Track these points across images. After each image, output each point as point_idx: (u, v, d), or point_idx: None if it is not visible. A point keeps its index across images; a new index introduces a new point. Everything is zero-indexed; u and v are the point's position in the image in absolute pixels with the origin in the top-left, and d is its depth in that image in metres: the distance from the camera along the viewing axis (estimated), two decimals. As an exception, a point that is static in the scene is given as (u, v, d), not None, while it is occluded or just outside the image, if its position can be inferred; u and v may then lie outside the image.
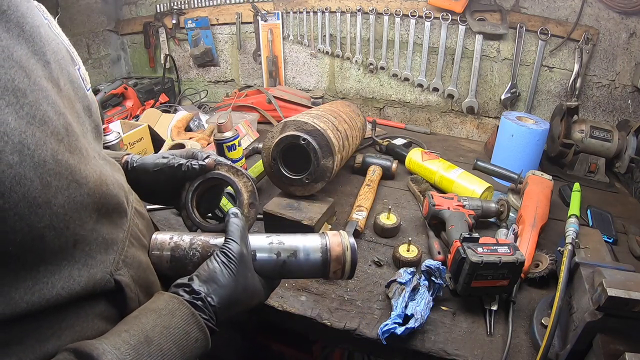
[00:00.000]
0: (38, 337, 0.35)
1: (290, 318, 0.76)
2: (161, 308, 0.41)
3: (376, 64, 1.62)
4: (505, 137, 1.23)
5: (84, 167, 0.37)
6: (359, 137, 1.23)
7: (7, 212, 0.30)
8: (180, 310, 0.42)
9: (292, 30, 1.70)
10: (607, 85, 1.38)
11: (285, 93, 1.65)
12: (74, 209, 0.36)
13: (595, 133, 1.26)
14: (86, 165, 0.38)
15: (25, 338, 0.34)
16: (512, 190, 1.12)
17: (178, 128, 1.36)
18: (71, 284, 0.36)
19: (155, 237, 0.53)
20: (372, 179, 1.14)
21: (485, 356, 0.68)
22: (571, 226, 0.77)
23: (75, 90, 0.42)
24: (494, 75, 1.50)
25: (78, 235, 0.37)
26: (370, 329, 0.72)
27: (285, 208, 0.90)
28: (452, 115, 1.63)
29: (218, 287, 0.45)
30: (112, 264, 0.42)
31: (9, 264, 0.32)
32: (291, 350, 1.24)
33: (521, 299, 0.79)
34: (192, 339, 0.41)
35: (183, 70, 1.96)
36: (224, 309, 0.45)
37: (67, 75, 0.41)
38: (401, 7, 1.49)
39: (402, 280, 0.75)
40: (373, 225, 0.98)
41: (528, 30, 1.38)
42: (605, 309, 0.56)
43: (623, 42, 1.30)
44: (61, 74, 0.40)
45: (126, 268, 0.44)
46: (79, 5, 1.72)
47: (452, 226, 0.89)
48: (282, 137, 0.89)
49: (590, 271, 0.65)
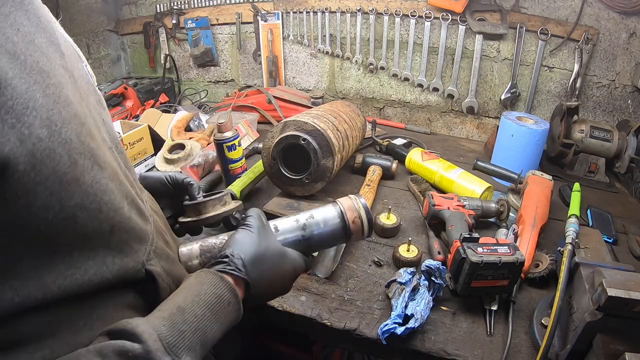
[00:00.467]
0: (71, 328, 0.36)
1: (290, 318, 0.76)
2: (190, 282, 0.43)
3: (376, 64, 1.62)
4: (505, 137, 1.23)
5: (102, 153, 0.38)
6: (359, 137, 1.23)
7: (39, 185, 0.30)
8: (208, 278, 0.43)
9: (292, 30, 1.70)
10: (607, 85, 1.38)
11: (285, 93, 1.65)
12: (102, 191, 0.36)
13: (595, 133, 1.26)
14: (104, 153, 0.39)
15: (57, 330, 0.35)
16: (512, 190, 1.12)
17: (178, 128, 1.36)
18: (103, 271, 0.37)
19: (181, 250, 0.56)
20: (372, 179, 1.14)
21: (485, 356, 0.68)
22: (571, 226, 0.77)
23: (86, 84, 0.43)
24: (494, 75, 1.50)
25: (114, 221, 0.38)
26: (370, 329, 0.72)
27: (285, 208, 0.90)
28: (452, 115, 1.63)
29: (240, 245, 0.48)
30: (144, 254, 0.43)
31: (42, 245, 0.32)
32: (291, 350, 1.24)
33: (521, 299, 0.79)
34: (224, 302, 0.42)
35: (183, 70, 1.96)
36: (251, 262, 0.47)
37: (79, 69, 0.42)
38: (401, 7, 1.49)
39: (402, 280, 0.75)
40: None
41: (528, 30, 1.38)
42: (605, 309, 0.56)
43: (623, 42, 1.30)
44: (74, 67, 0.40)
45: (157, 259, 0.45)
46: (79, 5, 1.72)
47: (452, 226, 0.89)
48: (282, 137, 0.89)
49: (590, 271, 0.65)
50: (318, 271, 0.81)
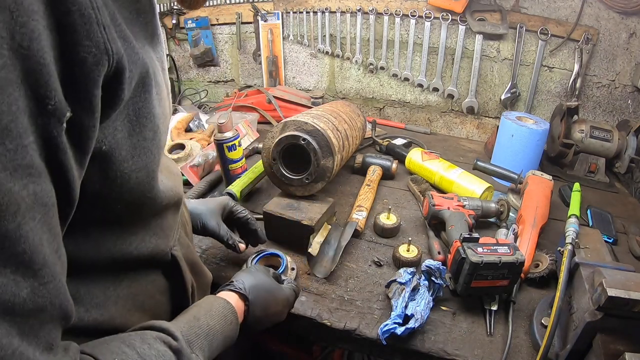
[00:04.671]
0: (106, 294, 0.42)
1: (290, 318, 0.76)
2: (204, 301, 0.52)
3: (376, 64, 1.62)
4: (505, 137, 1.23)
5: (165, 159, 0.48)
6: (359, 137, 1.22)
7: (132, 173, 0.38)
8: (217, 301, 0.53)
9: (292, 30, 1.70)
10: (607, 85, 1.38)
11: (285, 93, 1.65)
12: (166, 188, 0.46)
13: (595, 133, 1.26)
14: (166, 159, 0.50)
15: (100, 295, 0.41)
16: (512, 190, 1.12)
17: (178, 129, 1.36)
18: (142, 246, 0.45)
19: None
20: (372, 179, 1.14)
21: (485, 356, 0.68)
22: (571, 226, 0.77)
23: (168, 94, 0.51)
24: (494, 75, 1.50)
25: (159, 210, 0.47)
26: (370, 329, 0.72)
27: (285, 208, 0.90)
28: (452, 115, 1.63)
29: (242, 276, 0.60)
30: (171, 239, 0.51)
31: (109, 217, 0.39)
32: (291, 350, 1.24)
33: (521, 299, 0.79)
34: (228, 320, 0.51)
35: (183, 70, 1.96)
36: (250, 286, 0.57)
37: (166, 79, 0.50)
38: (401, 7, 1.49)
39: (402, 280, 0.75)
40: (373, 225, 0.98)
41: (528, 30, 1.38)
42: (605, 309, 0.56)
43: (623, 42, 1.30)
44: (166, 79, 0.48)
45: (179, 246, 0.54)
46: (79, 5, 1.72)
47: (452, 226, 0.89)
48: (282, 137, 0.89)
49: (590, 271, 0.65)
50: (317, 272, 0.81)
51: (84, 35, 0.28)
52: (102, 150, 0.34)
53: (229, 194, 0.99)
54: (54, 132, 0.27)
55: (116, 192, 0.37)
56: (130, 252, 0.43)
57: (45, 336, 0.28)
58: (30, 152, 0.25)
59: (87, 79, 0.29)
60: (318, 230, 0.87)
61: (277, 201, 0.93)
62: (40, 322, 0.27)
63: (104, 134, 0.34)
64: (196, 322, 0.46)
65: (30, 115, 0.25)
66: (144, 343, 0.38)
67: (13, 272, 0.25)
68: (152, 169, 0.41)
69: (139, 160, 0.38)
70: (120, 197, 0.38)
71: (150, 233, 0.46)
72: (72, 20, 0.27)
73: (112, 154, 0.35)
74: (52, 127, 0.27)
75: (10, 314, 0.25)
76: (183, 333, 0.42)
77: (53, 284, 0.28)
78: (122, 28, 0.33)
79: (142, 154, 0.38)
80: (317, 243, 0.85)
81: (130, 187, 0.38)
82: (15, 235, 0.25)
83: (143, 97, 0.37)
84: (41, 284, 0.27)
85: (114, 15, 0.32)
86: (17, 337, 0.25)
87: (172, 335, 0.41)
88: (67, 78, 0.27)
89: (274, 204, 0.92)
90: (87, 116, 0.30)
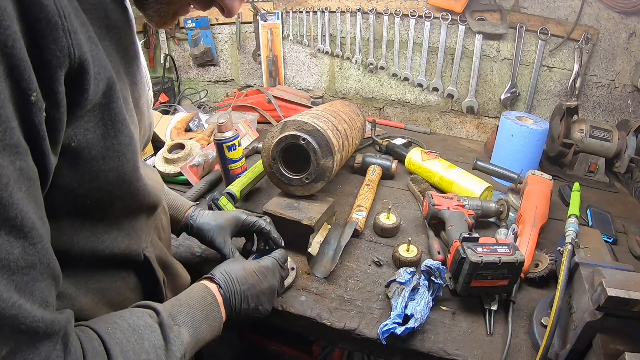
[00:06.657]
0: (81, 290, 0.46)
1: (290, 318, 0.76)
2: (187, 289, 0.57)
3: (376, 64, 1.62)
4: (505, 137, 1.23)
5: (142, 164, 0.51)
6: (359, 137, 1.22)
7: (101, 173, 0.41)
8: (196, 287, 0.58)
9: (292, 30, 1.70)
10: (607, 85, 1.38)
11: (285, 93, 1.65)
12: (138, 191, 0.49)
13: (595, 133, 1.26)
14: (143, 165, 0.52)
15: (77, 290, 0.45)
16: (512, 190, 1.12)
17: (178, 129, 1.36)
18: (115, 246, 0.48)
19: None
20: (372, 179, 1.14)
21: (485, 356, 0.68)
22: (571, 226, 0.77)
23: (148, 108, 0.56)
24: (494, 75, 1.50)
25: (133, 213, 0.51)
26: (370, 329, 0.72)
27: (285, 208, 0.90)
28: (452, 115, 1.63)
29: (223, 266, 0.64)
30: (144, 242, 0.55)
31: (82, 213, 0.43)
32: (291, 350, 1.24)
33: (521, 299, 0.79)
34: (207, 301, 0.55)
35: (183, 70, 1.96)
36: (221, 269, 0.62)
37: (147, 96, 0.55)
38: (401, 7, 1.49)
39: (402, 280, 0.75)
40: (373, 225, 0.98)
41: (528, 30, 1.38)
42: (605, 309, 0.56)
43: (623, 42, 1.30)
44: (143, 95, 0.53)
45: (152, 248, 0.57)
46: (79, 5, 1.72)
47: (452, 226, 0.89)
48: (282, 137, 0.89)
49: (590, 271, 0.65)
50: (317, 272, 0.81)
51: (51, 40, 0.32)
52: (71, 146, 0.38)
53: (229, 194, 0.99)
54: (36, 120, 0.31)
55: (85, 188, 0.41)
56: (103, 250, 0.46)
57: (39, 293, 0.32)
58: (17, 134, 0.30)
59: (52, 79, 0.32)
60: (318, 230, 0.87)
61: (277, 201, 0.93)
62: (33, 280, 0.31)
63: (74, 132, 0.38)
64: (177, 302, 0.53)
65: (15, 104, 0.30)
66: (133, 315, 0.44)
67: (7, 234, 0.29)
68: (124, 172, 0.44)
69: (110, 162, 0.42)
70: (90, 194, 0.41)
71: (123, 234, 0.49)
72: (41, 27, 0.31)
73: (82, 151, 0.39)
74: (34, 116, 0.31)
75: (7, 271, 0.29)
76: (166, 309, 0.49)
77: (41, 245, 0.32)
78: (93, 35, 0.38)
79: (116, 157, 0.42)
80: (317, 243, 0.85)
81: (99, 185, 0.42)
82: (9, 202, 0.29)
83: (119, 103, 0.41)
84: (31, 244, 0.31)
85: (85, 22, 0.37)
86: (15, 293, 0.29)
87: (155, 310, 0.47)
88: (37, 75, 0.31)
89: (274, 204, 0.92)
90: (54, 110, 0.33)
